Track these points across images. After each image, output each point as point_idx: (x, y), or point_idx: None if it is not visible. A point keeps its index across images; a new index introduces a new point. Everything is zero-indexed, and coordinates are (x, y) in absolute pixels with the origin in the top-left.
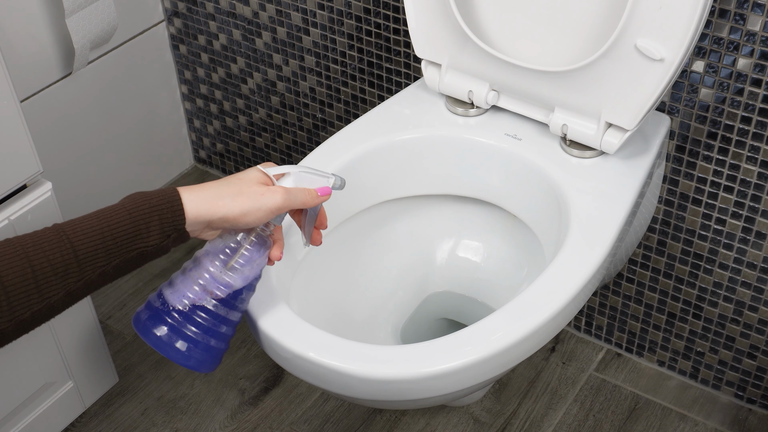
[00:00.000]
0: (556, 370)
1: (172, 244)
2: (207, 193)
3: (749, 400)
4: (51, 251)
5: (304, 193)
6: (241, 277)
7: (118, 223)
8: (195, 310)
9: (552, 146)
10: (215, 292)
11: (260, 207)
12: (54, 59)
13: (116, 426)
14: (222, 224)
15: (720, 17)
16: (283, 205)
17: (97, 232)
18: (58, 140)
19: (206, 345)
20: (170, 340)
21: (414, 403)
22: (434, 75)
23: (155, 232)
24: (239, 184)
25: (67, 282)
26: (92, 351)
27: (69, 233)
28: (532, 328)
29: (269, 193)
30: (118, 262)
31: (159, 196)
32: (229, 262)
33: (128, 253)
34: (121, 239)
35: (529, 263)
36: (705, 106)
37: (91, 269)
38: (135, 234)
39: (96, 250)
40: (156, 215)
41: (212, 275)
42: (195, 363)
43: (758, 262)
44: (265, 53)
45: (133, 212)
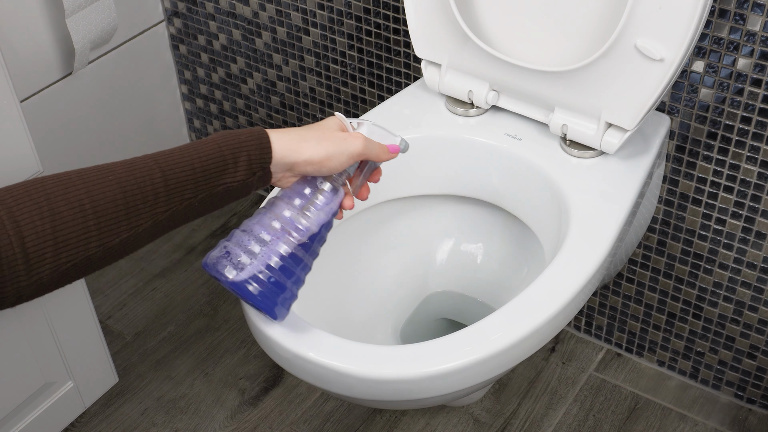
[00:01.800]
0: (556, 370)
1: (256, 183)
2: (293, 135)
3: (749, 400)
4: (143, 179)
5: (377, 146)
6: (317, 221)
7: (208, 156)
8: (273, 249)
9: (552, 146)
10: (293, 233)
11: (343, 151)
12: (54, 59)
13: (116, 426)
14: (305, 167)
15: (720, 17)
16: (362, 151)
17: (188, 162)
18: (58, 140)
19: (283, 285)
20: (247, 278)
21: (414, 403)
22: (434, 75)
23: (242, 167)
24: (321, 129)
25: (155, 211)
26: (92, 351)
27: (161, 162)
28: (532, 328)
29: (351, 138)
30: (204, 196)
31: (248, 134)
32: (306, 204)
33: (215, 187)
34: (209, 172)
35: (529, 263)
36: (705, 106)
37: (178, 200)
38: (223, 168)
39: (186, 180)
40: (245, 151)
41: (290, 216)
42: (267, 302)
43: (758, 262)
44: (265, 53)
45: (223, 146)
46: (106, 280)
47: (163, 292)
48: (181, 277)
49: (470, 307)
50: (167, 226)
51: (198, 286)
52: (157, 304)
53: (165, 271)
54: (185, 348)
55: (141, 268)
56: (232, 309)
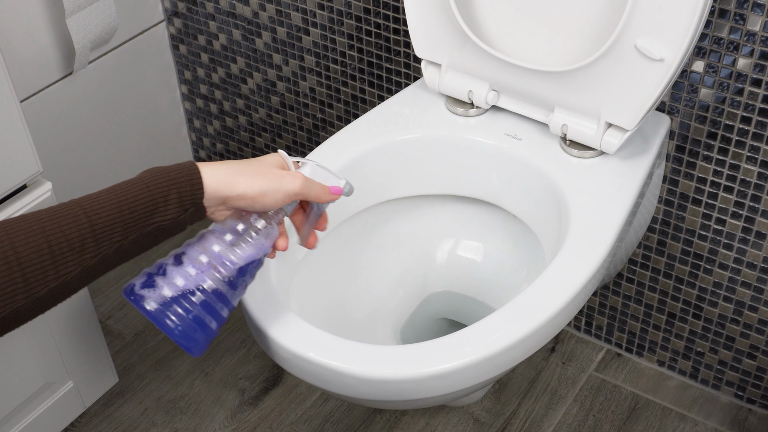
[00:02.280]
0: (556, 370)
1: (189, 219)
2: (226, 169)
3: (749, 400)
4: (68, 226)
5: (318, 187)
6: (246, 258)
7: (136, 197)
8: (197, 283)
9: (552, 146)
10: (219, 269)
11: (279, 189)
12: (54, 59)
13: (116, 426)
14: (238, 202)
15: (720, 17)
16: (300, 191)
17: (115, 206)
18: (58, 140)
19: (202, 321)
20: (166, 310)
21: (414, 403)
22: (434, 75)
23: (173, 205)
24: (259, 165)
25: (83, 258)
26: (92, 351)
27: (86, 207)
28: (532, 328)
29: (289, 177)
30: (135, 237)
31: (178, 170)
32: (237, 240)
33: (145, 227)
34: (138, 213)
35: (529, 263)
36: (705, 106)
37: (107, 244)
38: (153, 208)
39: (113, 224)
40: (174, 188)
41: (218, 252)
42: (186, 338)
43: (758, 262)
44: (265, 53)
45: (151, 186)
46: (106, 280)
47: None
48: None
49: (470, 307)
50: (98, 270)
51: None
52: None
53: None
54: None
55: (141, 268)
56: None
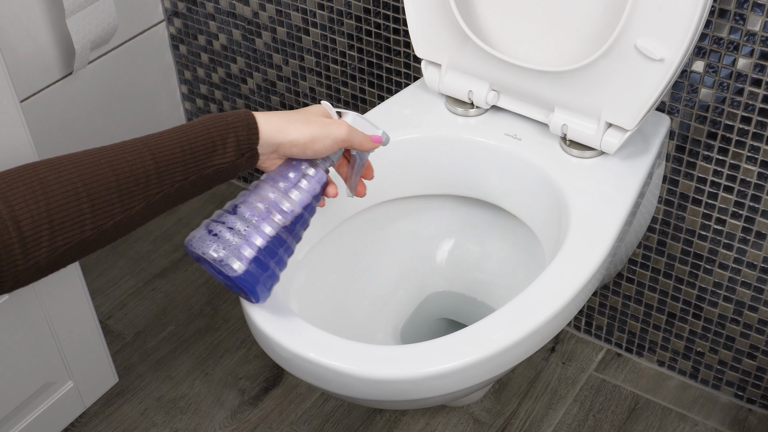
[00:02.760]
0: (556, 370)
1: (244, 164)
2: (279, 117)
3: (749, 400)
4: (134, 162)
5: (361, 135)
6: (300, 203)
7: (197, 139)
8: (257, 228)
9: (552, 146)
10: (276, 214)
11: (327, 134)
12: (54, 59)
13: (116, 426)
14: (290, 148)
15: (720, 17)
16: (346, 137)
17: (177, 145)
18: (58, 140)
19: (266, 266)
20: (230, 256)
21: (414, 403)
22: (434, 75)
23: (231, 148)
24: (307, 113)
25: (147, 193)
26: (92, 351)
27: (151, 145)
28: (532, 328)
29: (336, 124)
30: (195, 178)
31: (235, 116)
32: (290, 188)
33: (205, 169)
34: (199, 154)
35: (529, 263)
36: (705, 106)
37: (169, 182)
38: (212, 150)
39: (176, 163)
40: (232, 133)
41: (274, 198)
42: (251, 283)
43: (758, 262)
44: (265, 53)
45: (211, 129)
46: (106, 280)
47: (163, 292)
48: (181, 277)
49: (470, 307)
50: (159, 208)
51: (198, 286)
52: (157, 304)
53: (165, 271)
54: (185, 348)
55: (141, 268)
56: (232, 309)
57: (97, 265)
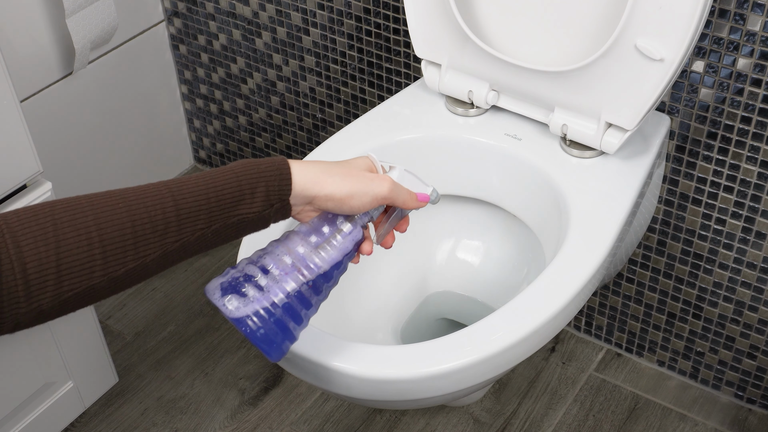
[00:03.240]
0: (556, 370)
1: (274, 215)
2: (316, 168)
3: (749, 400)
4: (153, 207)
5: (406, 193)
6: (330, 261)
7: (224, 186)
8: (280, 285)
9: (552, 146)
10: (303, 271)
11: (367, 191)
12: (54, 59)
13: (116, 426)
14: (326, 202)
15: (720, 17)
16: (388, 195)
17: (202, 191)
18: (58, 140)
19: (284, 325)
20: (248, 312)
21: (414, 403)
22: (434, 75)
23: (260, 198)
24: (348, 166)
25: (165, 242)
26: (92, 351)
27: (173, 189)
28: (532, 328)
29: (378, 180)
30: (218, 226)
31: (268, 164)
32: (322, 243)
33: (229, 218)
34: (225, 202)
35: (529, 263)
36: (705, 106)
37: (190, 230)
38: (239, 198)
39: (198, 210)
40: (263, 181)
41: (303, 253)
42: (267, 342)
43: (758, 262)
44: (265, 53)
45: (240, 176)
46: None
47: (163, 292)
48: (181, 277)
49: (470, 307)
50: (177, 257)
51: (198, 286)
52: (157, 304)
53: (165, 272)
54: (185, 348)
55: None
56: None
57: None
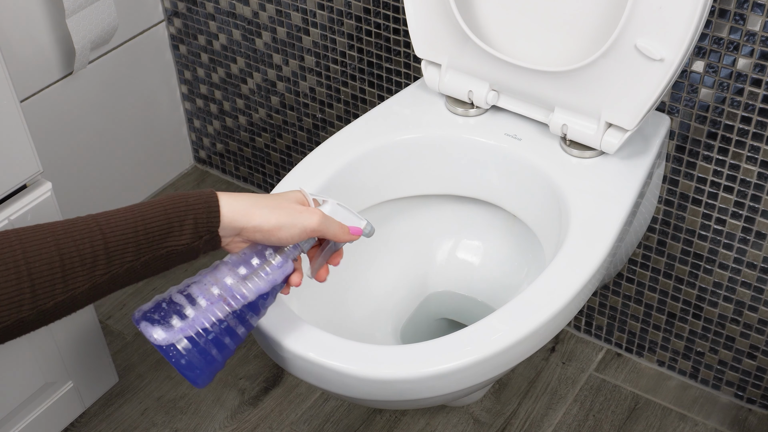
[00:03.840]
0: (556, 370)
1: (203, 247)
2: (245, 200)
3: (749, 400)
4: (81, 240)
5: (337, 226)
6: (257, 291)
7: (153, 219)
8: (206, 315)
9: (552, 146)
10: (230, 301)
11: (296, 224)
12: (54, 59)
13: (116, 426)
14: (254, 234)
15: (720, 17)
16: (317, 228)
17: (131, 225)
18: (58, 140)
19: (208, 354)
20: (173, 341)
21: (414, 403)
22: (434, 75)
23: (188, 231)
24: (278, 198)
25: (93, 274)
26: (92, 351)
27: (102, 223)
28: (532, 328)
29: (307, 213)
30: (147, 258)
31: (196, 197)
32: (250, 274)
33: (158, 250)
34: (153, 235)
35: (529, 263)
36: (705, 106)
37: (119, 263)
38: (168, 231)
39: (127, 243)
40: (191, 214)
41: (230, 284)
42: (191, 370)
43: (758, 262)
44: (265, 53)
45: (168, 209)
46: None
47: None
48: (180, 277)
49: (470, 307)
50: (107, 288)
51: None
52: None
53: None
54: None
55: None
56: None
57: None
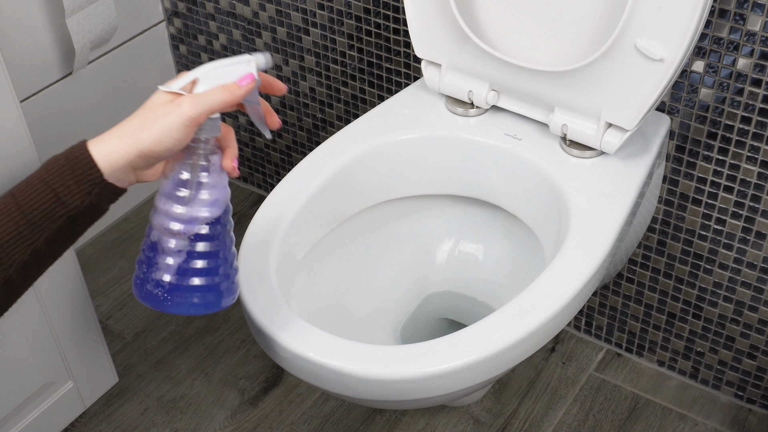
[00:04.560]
0: (556, 370)
1: (101, 200)
2: (114, 135)
3: (749, 400)
4: None
5: (219, 92)
6: (205, 205)
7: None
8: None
9: (552, 146)
10: (173, 230)
11: (170, 126)
12: (54, 59)
13: (116, 426)
14: (145, 161)
15: (720, 17)
16: (194, 113)
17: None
18: (58, 140)
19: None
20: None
21: (414, 403)
22: (434, 75)
23: (75, 192)
24: (143, 112)
25: None
26: (92, 351)
27: None
28: (532, 328)
29: (173, 107)
30: (47, 234)
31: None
32: (188, 195)
33: (54, 222)
34: (43, 209)
35: (529, 263)
36: (705, 106)
37: (18, 252)
38: (55, 200)
39: (18, 229)
40: (69, 175)
41: (170, 215)
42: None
43: (758, 262)
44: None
45: (47, 178)
46: (106, 280)
47: None
48: None
49: (470, 307)
50: (18, 281)
51: None
52: None
53: None
54: (185, 348)
55: None
56: (232, 309)
57: (97, 265)
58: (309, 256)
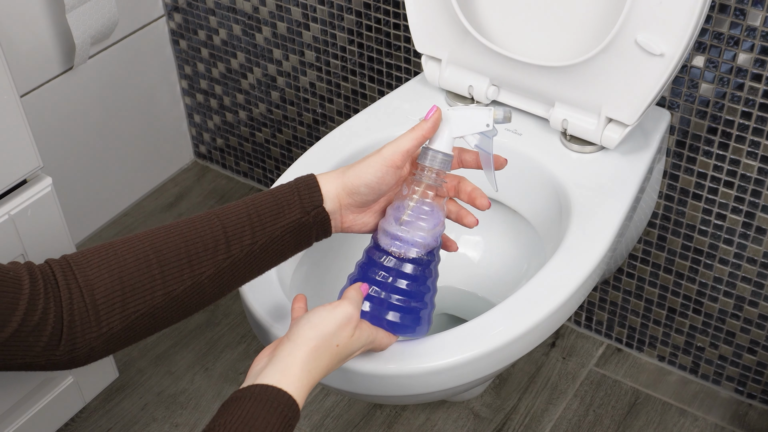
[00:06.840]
0: (556, 365)
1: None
2: (339, 170)
3: (749, 395)
4: (203, 228)
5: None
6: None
7: (262, 202)
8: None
9: (552, 141)
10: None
11: (369, 163)
12: (54, 54)
13: (116, 421)
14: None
15: (720, 12)
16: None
17: (243, 210)
18: (59, 135)
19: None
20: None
21: (414, 398)
22: (434, 70)
23: (296, 206)
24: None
25: (216, 259)
26: None
27: (219, 213)
28: (532, 323)
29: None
30: (264, 241)
31: (297, 179)
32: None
33: (273, 231)
34: (264, 216)
35: (530, 258)
36: (705, 102)
37: (238, 246)
38: (277, 210)
39: (242, 226)
40: (295, 193)
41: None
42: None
43: (758, 257)
44: (265, 48)
45: (275, 192)
46: None
47: None
48: None
49: (471, 303)
50: (230, 276)
51: None
52: None
53: None
54: (185, 343)
55: None
56: (233, 304)
57: None
58: (309, 253)
